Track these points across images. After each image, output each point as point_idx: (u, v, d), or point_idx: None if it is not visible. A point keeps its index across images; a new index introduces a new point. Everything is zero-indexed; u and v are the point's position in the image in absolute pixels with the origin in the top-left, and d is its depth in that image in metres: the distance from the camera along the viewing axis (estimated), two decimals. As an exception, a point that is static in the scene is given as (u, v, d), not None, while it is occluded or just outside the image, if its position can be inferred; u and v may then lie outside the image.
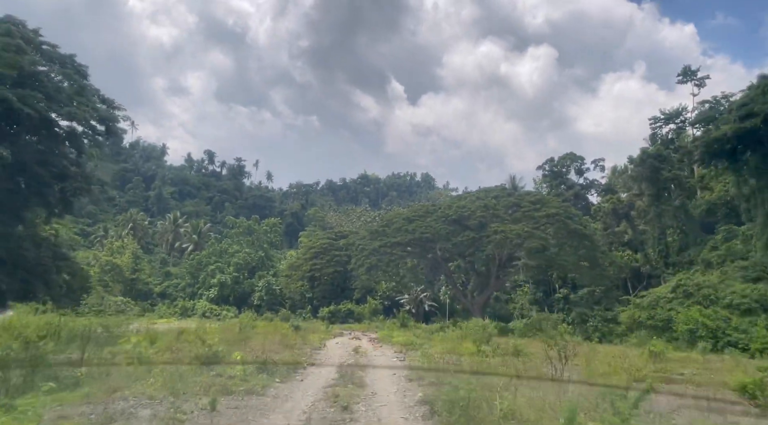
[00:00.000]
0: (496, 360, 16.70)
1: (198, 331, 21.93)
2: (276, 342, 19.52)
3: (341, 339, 29.48)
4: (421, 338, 27.59)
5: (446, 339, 25.11)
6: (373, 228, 51.46)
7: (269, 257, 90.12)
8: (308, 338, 24.71)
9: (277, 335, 22.70)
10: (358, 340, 27.97)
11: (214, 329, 26.27)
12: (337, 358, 16.21)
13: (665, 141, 65.44)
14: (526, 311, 71.83)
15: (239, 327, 23.99)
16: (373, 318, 67.11)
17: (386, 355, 18.65)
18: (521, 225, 44.82)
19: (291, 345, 19.63)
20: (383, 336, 29.56)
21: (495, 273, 50.08)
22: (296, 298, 76.12)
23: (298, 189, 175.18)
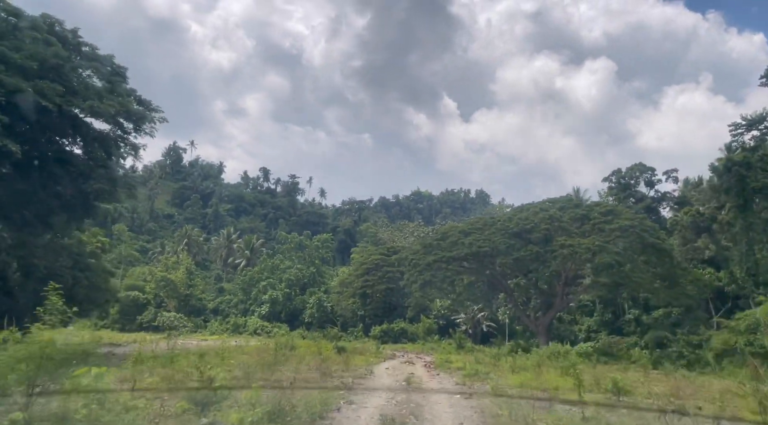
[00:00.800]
0: (598, 398, 12.94)
1: (220, 352, 19.25)
2: (313, 368, 16.56)
3: (392, 362, 26.15)
4: (486, 364, 23.93)
5: (519, 367, 21.41)
6: (426, 242, 48.06)
7: (321, 273, 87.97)
8: (353, 361, 21.62)
9: (317, 358, 19.71)
10: (411, 364, 24.64)
11: (249, 348, 23.58)
12: (383, 397, 12.76)
13: (746, 149, 59.26)
14: (592, 334, 66.56)
15: (275, 349, 21.11)
16: (427, 338, 63.40)
17: (446, 389, 15.21)
18: (591, 238, 40.41)
19: (330, 373, 16.56)
20: (440, 361, 26.02)
21: (560, 292, 45.58)
22: (348, 316, 73.30)
23: (351, 206, 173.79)
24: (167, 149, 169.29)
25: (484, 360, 24.87)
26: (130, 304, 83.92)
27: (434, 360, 27.83)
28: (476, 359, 24.18)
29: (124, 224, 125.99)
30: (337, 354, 23.05)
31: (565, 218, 43.00)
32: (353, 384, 14.70)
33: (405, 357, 31.95)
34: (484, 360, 25.32)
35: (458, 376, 19.02)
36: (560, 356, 26.75)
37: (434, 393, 13.68)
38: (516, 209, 46.20)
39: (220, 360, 15.40)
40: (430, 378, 18.78)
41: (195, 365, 11.50)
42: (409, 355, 36.00)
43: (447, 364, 23.54)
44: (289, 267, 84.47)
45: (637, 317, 64.75)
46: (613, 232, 40.57)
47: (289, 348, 22.32)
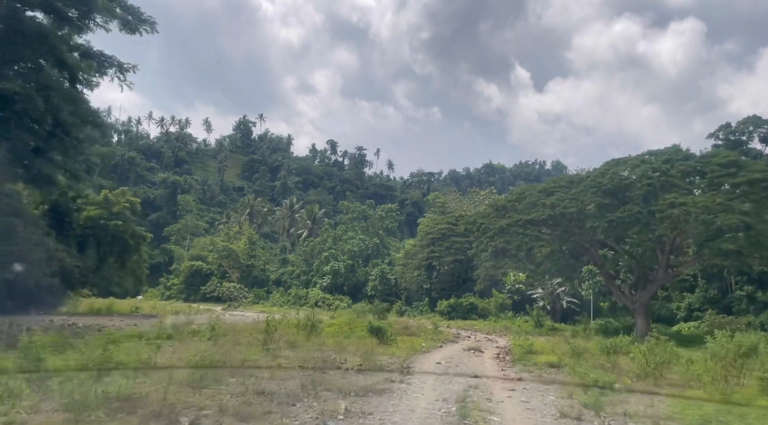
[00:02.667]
0: None
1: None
2: (316, 359, 10.44)
3: (451, 349, 19.33)
4: (588, 356, 16.60)
5: (664, 372, 13.64)
6: (499, 204, 40.59)
7: (385, 244, 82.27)
8: (391, 350, 15.20)
9: (336, 343, 13.66)
10: (477, 354, 17.82)
11: (276, 322, 17.76)
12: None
13: None
14: (694, 312, 56.91)
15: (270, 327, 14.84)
16: (499, 315, 56.37)
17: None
18: (709, 195, 31.71)
19: (333, 366, 10.25)
20: (518, 349, 18.80)
21: (663, 262, 37.06)
22: (412, 289, 67.19)
23: (420, 178, 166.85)
24: (237, 122, 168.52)
25: (584, 349, 17.55)
26: (194, 274, 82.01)
27: (510, 345, 21.01)
28: (572, 348, 16.99)
29: (193, 195, 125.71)
30: (372, 337, 16.79)
31: (674, 173, 34.31)
32: (362, 407, 8.08)
33: (471, 340, 25.28)
34: (583, 348, 17.96)
35: (557, 387, 11.44)
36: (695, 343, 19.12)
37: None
38: (609, 162, 37.71)
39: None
40: (505, 388, 11.25)
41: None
42: (477, 336, 29.23)
43: (529, 356, 16.43)
44: (352, 238, 79.19)
45: (751, 293, 54.82)
46: (739, 187, 31.64)
47: (309, 328, 16.31)
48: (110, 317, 29.50)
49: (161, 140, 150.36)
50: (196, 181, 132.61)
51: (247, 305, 70.35)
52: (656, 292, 40.43)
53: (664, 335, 40.00)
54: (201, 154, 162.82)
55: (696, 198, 31.91)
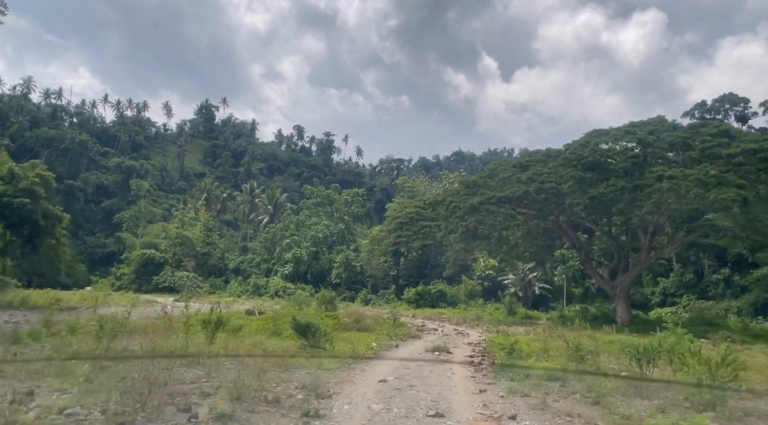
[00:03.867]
0: None
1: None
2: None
3: (411, 350, 14.81)
4: (606, 363, 12.48)
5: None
6: (469, 180, 36.68)
7: (351, 230, 78.00)
8: (319, 361, 10.73)
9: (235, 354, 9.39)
10: (444, 360, 13.08)
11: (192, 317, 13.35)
12: None
13: None
14: (669, 297, 54.41)
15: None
16: (469, 302, 52.90)
17: None
18: (702, 167, 28.38)
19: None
20: (497, 347, 14.37)
21: (647, 244, 33.81)
22: (379, 276, 63.23)
23: (389, 164, 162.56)
24: (199, 106, 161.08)
25: (586, 349, 13.32)
26: (146, 263, 76.44)
27: (486, 341, 17.02)
28: (574, 346, 12.57)
29: (151, 181, 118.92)
30: (300, 338, 12.41)
31: (659, 144, 30.91)
32: None
33: (438, 333, 21.22)
34: (584, 346, 13.69)
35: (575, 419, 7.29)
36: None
37: None
38: (589, 133, 34.14)
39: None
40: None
41: None
42: (444, 328, 25.28)
43: (515, 359, 12.13)
44: (316, 224, 74.70)
45: (727, 277, 52.52)
46: (733, 159, 28.38)
47: (213, 326, 11.96)
48: (10, 312, 24.65)
49: (117, 124, 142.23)
50: (154, 166, 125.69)
51: (202, 295, 65.36)
52: (638, 276, 37.22)
53: (646, 322, 36.94)
54: (160, 139, 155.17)
55: (687, 171, 28.51)
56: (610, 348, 15.11)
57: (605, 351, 14.28)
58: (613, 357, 13.51)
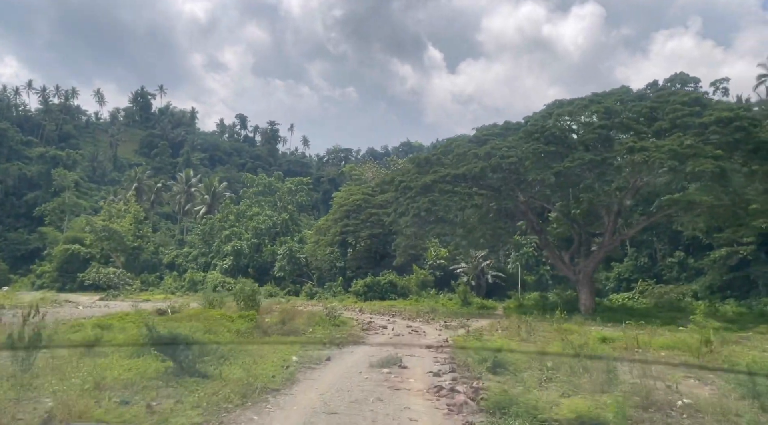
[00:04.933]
0: None
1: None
2: None
3: (345, 367, 10.17)
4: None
5: None
6: (421, 158, 32.85)
7: (296, 221, 73.15)
8: (179, 406, 6.63)
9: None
10: (396, 387, 8.85)
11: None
12: None
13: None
14: (624, 282, 52.67)
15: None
16: (421, 293, 49.48)
17: None
18: (675, 137, 25.60)
19: None
20: (471, 353, 10.31)
21: (611, 225, 31.03)
22: (325, 268, 58.94)
23: (336, 154, 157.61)
24: (134, 94, 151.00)
25: (583, 345, 9.85)
26: (70, 259, 69.19)
27: (451, 344, 13.07)
28: (576, 346, 9.09)
29: (81, 172, 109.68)
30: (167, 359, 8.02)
31: (627, 114, 27.98)
32: None
33: (389, 333, 17.12)
34: (582, 344, 10.16)
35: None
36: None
37: None
38: (551, 104, 30.93)
39: None
40: None
41: None
42: (396, 324, 21.28)
43: (504, 372, 8.34)
44: (257, 214, 69.51)
45: (682, 260, 51.10)
46: (707, 128, 25.70)
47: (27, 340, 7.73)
48: None
49: (42, 112, 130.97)
50: (83, 157, 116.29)
51: (132, 293, 59.34)
52: (601, 260, 34.57)
53: (610, 309, 34.29)
54: (92, 128, 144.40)
55: (659, 142, 25.65)
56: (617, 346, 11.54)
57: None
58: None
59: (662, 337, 15.82)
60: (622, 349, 12.35)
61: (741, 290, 44.55)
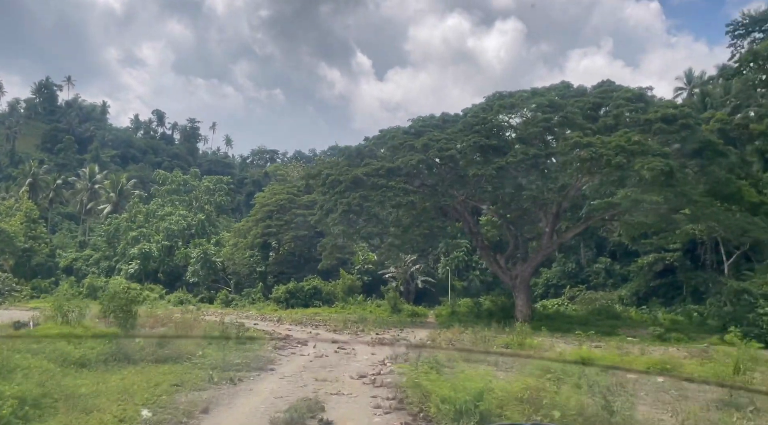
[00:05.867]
0: None
1: None
2: None
3: (241, 412, 7.62)
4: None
5: None
6: (351, 151, 29.51)
7: (213, 222, 67.64)
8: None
9: None
10: None
11: None
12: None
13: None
14: (552, 288, 51.86)
15: None
16: (348, 299, 46.09)
17: None
18: (621, 134, 23.91)
19: None
20: (438, 408, 7.08)
21: (549, 227, 29.16)
22: (243, 273, 54.20)
23: (261, 155, 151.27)
24: (37, 85, 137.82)
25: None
26: (-55, 264, 60.13)
27: (391, 369, 9.83)
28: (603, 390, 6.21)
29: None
30: None
31: (570, 108, 26.12)
32: None
33: (309, 353, 13.26)
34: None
35: None
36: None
37: None
38: (492, 97, 28.64)
39: None
40: None
41: None
42: (320, 337, 17.68)
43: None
44: (170, 214, 63.49)
45: (608, 266, 50.99)
46: (653, 124, 24.22)
47: None
48: None
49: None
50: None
51: (20, 300, 52.05)
52: (539, 265, 32.75)
53: (547, 317, 32.40)
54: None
55: (605, 138, 23.85)
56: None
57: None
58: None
59: (653, 355, 13.38)
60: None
61: (666, 297, 44.71)
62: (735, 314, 23.20)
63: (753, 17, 46.24)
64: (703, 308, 38.05)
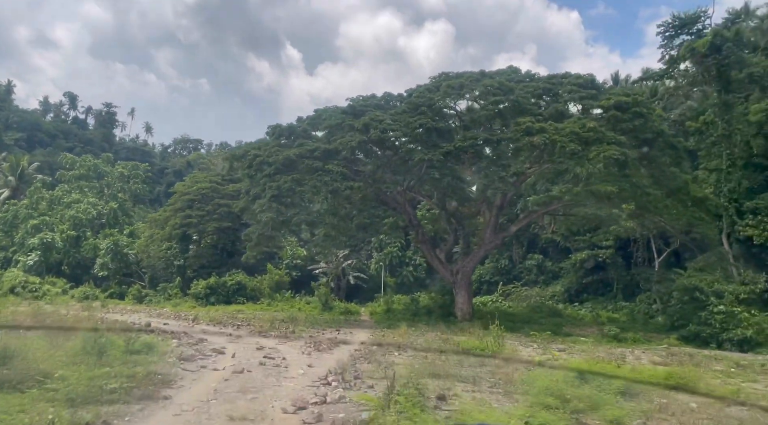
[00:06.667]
0: None
1: None
2: None
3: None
4: None
5: None
6: (283, 128, 26.12)
7: (126, 211, 61.61)
8: None
9: None
10: None
11: None
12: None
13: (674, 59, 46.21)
14: (485, 285, 50.68)
15: None
16: (275, 296, 42.70)
17: None
18: (575, 120, 22.32)
19: None
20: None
21: (492, 221, 27.37)
22: (159, 266, 49.29)
23: (185, 144, 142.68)
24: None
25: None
26: None
27: (342, 396, 7.15)
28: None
29: None
30: None
31: (519, 92, 24.29)
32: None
33: (225, 366, 10.07)
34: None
35: None
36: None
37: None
38: (438, 77, 26.27)
39: None
40: None
41: None
42: (242, 341, 14.40)
43: None
44: (78, 201, 57.07)
45: (540, 263, 50.49)
46: (608, 112, 22.83)
47: None
48: None
49: None
50: None
51: None
52: (482, 260, 30.98)
53: (489, 314, 30.56)
54: None
55: (559, 124, 22.13)
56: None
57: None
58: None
59: (652, 364, 11.30)
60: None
61: (596, 294, 44.56)
62: (683, 312, 22.22)
63: (682, 19, 47.03)
64: (635, 306, 38.04)
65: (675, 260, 38.79)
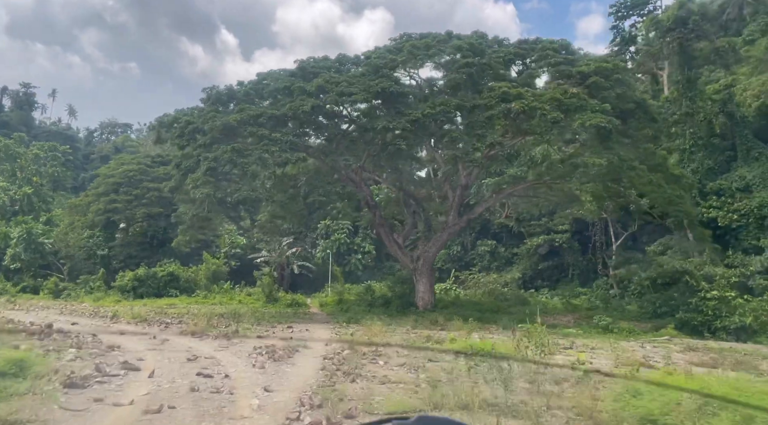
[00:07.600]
0: None
1: None
2: None
3: None
4: None
5: None
6: (221, 92, 22.02)
7: (44, 198, 54.91)
8: None
9: None
10: None
11: None
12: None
13: (626, 39, 45.41)
14: (437, 272, 48.32)
15: None
16: (212, 287, 38.48)
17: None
18: (553, 87, 19.84)
19: None
20: None
21: (456, 202, 24.71)
22: (80, 257, 43.81)
23: (112, 128, 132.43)
24: None
25: None
26: None
27: None
28: None
29: None
30: None
31: (493, 56, 21.56)
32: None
33: (148, 380, 6.72)
34: None
35: None
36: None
37: None
38: (400, 39, 23.08)
39: None
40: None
41: None
42: (170, 345, 10.84)
43: None
44: (-16, 185, 50.17)
45: (493, 249, 48.56)
46: (587, 78, 20.46)
47: None
48: None
49: None
50: None
51: None
52: (444, 244, 28.33)
53: (452, 304, 27.87)
54: None
55: (537, 91, 19.55)
56: None
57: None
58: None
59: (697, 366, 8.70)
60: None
61: (551, 280, 43.14)
62: (666, 298, 20.32)
63: (633, 1, 46.21)
64: (591, 291, 36.79)
65: (632, 244, 37.78)
